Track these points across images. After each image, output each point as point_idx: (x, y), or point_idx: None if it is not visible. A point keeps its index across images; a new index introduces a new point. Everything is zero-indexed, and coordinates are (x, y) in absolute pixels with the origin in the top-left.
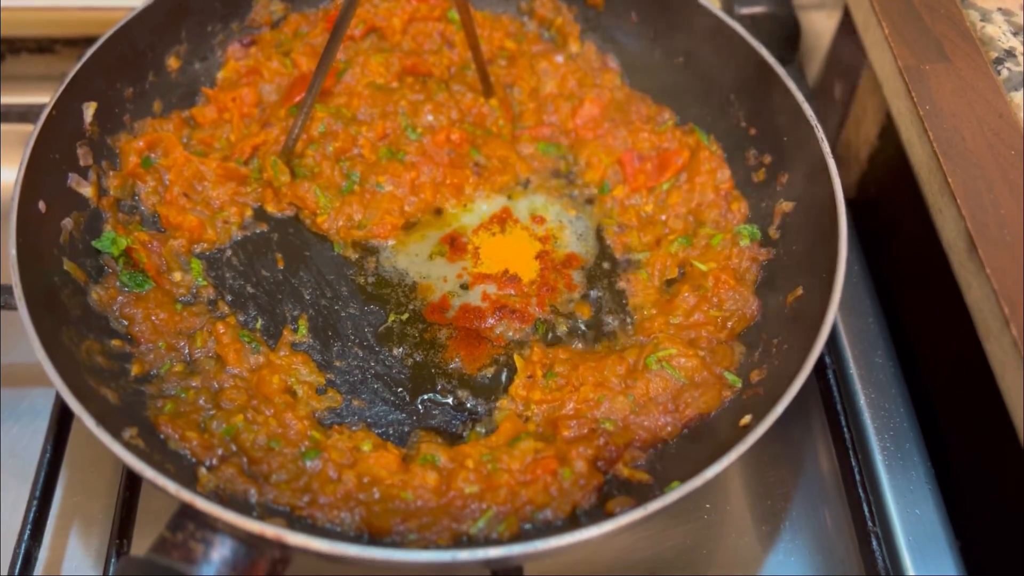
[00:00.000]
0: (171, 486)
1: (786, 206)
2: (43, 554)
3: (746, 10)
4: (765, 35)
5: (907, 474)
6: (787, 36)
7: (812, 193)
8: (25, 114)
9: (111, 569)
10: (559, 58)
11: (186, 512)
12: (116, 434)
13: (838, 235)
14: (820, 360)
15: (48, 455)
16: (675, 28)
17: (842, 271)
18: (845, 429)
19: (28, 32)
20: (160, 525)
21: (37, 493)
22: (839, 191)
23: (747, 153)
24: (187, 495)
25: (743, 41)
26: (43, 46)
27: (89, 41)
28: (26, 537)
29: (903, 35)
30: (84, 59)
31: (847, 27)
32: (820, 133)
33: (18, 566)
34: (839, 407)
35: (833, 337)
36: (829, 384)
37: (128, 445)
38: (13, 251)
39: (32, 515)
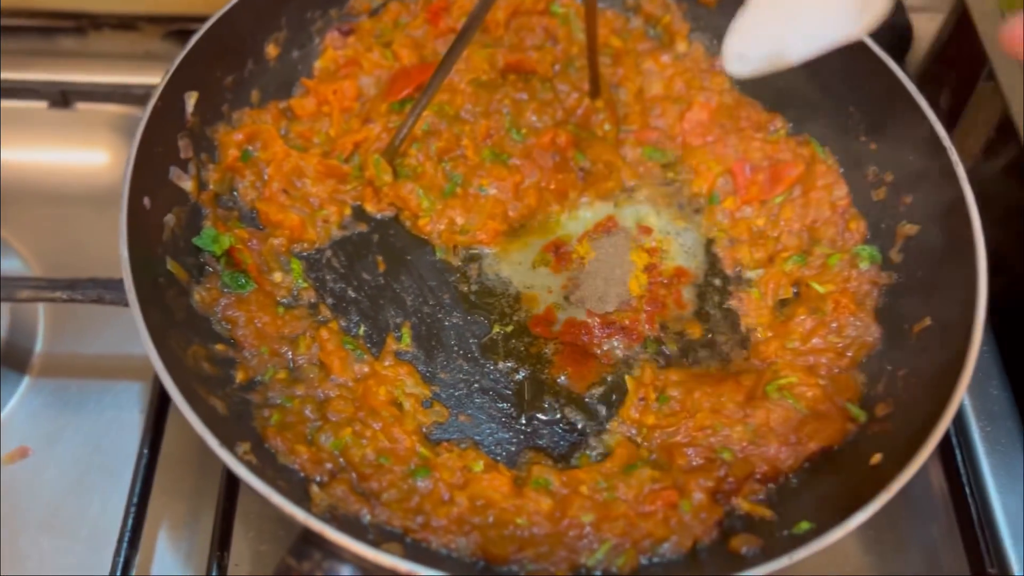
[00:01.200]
0: (300, 514)
1: (910, 229)
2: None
3: None
4: (878, 39)
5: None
6: (899, 41)
7: (940, 219)
8: (110, 94)
9: None
10: (666, 58)
11: (309, 539)
12: (232, 449)
13: (976, 280)
14: None
15: (144, 459)
16: None
17: (982, 317)
18: (960, 465)
19: (112, 8)
20: (249, 530)
21: (134, 499)
22: (978, 226)
23: (867, 170)
24: (317, 524)
25: (868, 51)
26: (125, 23)
27: (171, 19)
28: (125, 544)
29: None
30: (188, 47)
31: (961, 32)
32: (955, 156)
33: (118, 572)
34: (954, 440)
35: None
36: None
37: (243, 462)
38: (125, 251)
39: (130, 522)
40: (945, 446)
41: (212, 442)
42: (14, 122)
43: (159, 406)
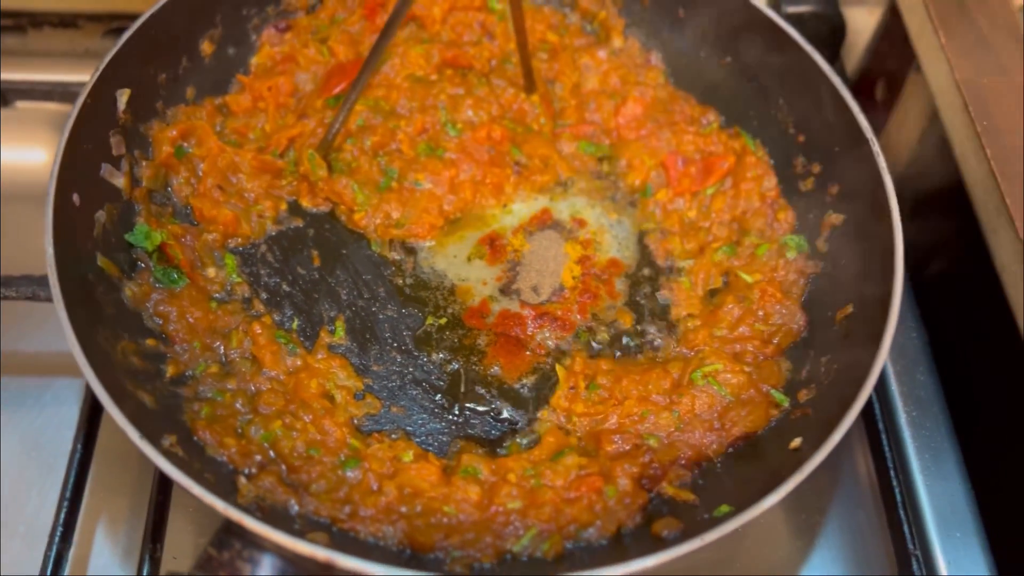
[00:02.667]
0: (219, 504)
1: (835, 218)
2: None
3: (792, 8)
4: (810, 34)
5: (949, 496)
6: (832, 35)
7: (864, 209)
8: (50, 92)
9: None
10: (602, 53)
11: (231, 529)
12: (156, 442)
13: (894, 267)
14: None
15: (78, 454)
16: (723, 26)
17: (897, 302)
18: (887, 448)
19: (52, 7)
20: (189, 524)
21: (68, 494)
22: (897, 218)
23: (795, 160)
24: (236, 514)
25: (795, 45)
26: (66, 21)
27: (112, 17)
28: (57, 539)
29: (960, 45)
30: (119, 44)
31: (894, 25)
32: (877, 148)
33: (49, 567)
34: (880, 425)
35: None
36: (871, 401)
37: (168, 454)
38: (50, 249)
39: (63, 516)
40: (872, 431)
41: (133, 434)
42: None
43: (93, 402)
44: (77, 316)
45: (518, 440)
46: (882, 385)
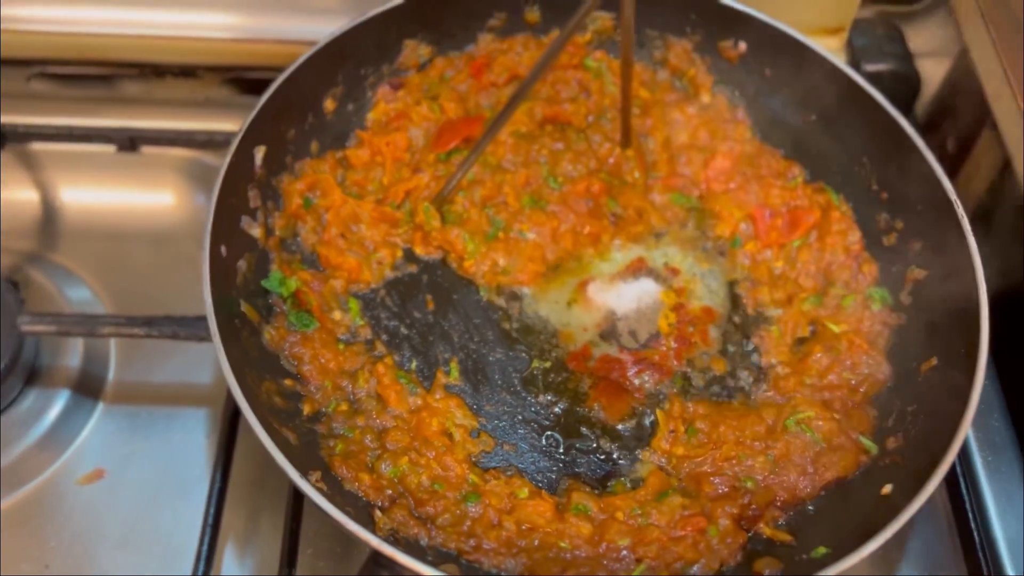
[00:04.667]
0: (372, 539)
1: (918, 273)
2: None
3: (871, 67)
4: (888, 90)
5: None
6: (909, 91)
7: (947, 267)
8: (174, 139)
9: None
10: (691, 109)
11: (379, 561)
12: (306, 478)
13: (979, 327)
14: None
15: (217, 484)
16: (809, 86)
17: (984, 361)
18: (965, 493)
19: (174, 59)
20: (312, 547)
21: (210, 521)
22: (980, 275)
23: (878, 216)
24: (388, 548)
25: (878, 106)
26: (187, 71)
27: (228, 68)
28: (201, 563)
29: None
30: (258, 106)
31: (966, 82)
32: (960, 211)
33: None
34: (958, 470)
35: None
36: None
37: (317, 489)
38: (209, 299)
39: (207, 541)
40: (950, 475)
41: (292, 473)
42: (85, 165)
43: (228, 434)
44: (233, 358)
45: (622, 480)
46: None
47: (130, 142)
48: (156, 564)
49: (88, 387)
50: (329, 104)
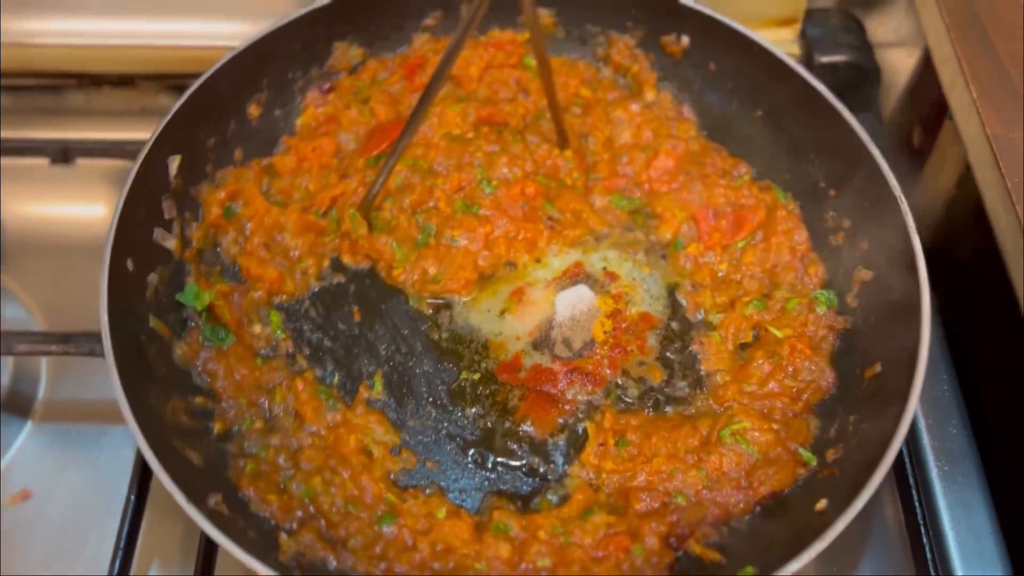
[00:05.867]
0: (259, 567)
1: (865, 274)
2: None
3: (826, 58)
4: (844, 81)
5: (979, 551)
6: (867, 83)
7: (892, 268)
8: (109, 150)
9: None
10: (635, 107)
11: None
12: (202, 502)
13: (920, 329)
14: None
15: (132, 505)
16: (755, 82)
17: (923, 367)
18: (917, 503)
19: (111, 68)
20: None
21: (122, 544)
22: (924, 275)
23: (825, 215)
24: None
25: (826, 102)
26: (124, 80)
27: (167, 76)
28: None
29: (992, 100)
30: (171, 114)
31: (929, 73)
32: (905, 206)
33: None
34: (911, 479)
35: None
36: (902, 455)
37: (213, 514)
38: (105, 316)
39: (118, 563)
40: (902, 484)
41: (180, 498)
42: (18, 179)
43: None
44: (129, 377)
45: (548, 496)
46: (913, 438)
47: (63, 154)
48: None
49: (17, 405)
50: (254, 110)
